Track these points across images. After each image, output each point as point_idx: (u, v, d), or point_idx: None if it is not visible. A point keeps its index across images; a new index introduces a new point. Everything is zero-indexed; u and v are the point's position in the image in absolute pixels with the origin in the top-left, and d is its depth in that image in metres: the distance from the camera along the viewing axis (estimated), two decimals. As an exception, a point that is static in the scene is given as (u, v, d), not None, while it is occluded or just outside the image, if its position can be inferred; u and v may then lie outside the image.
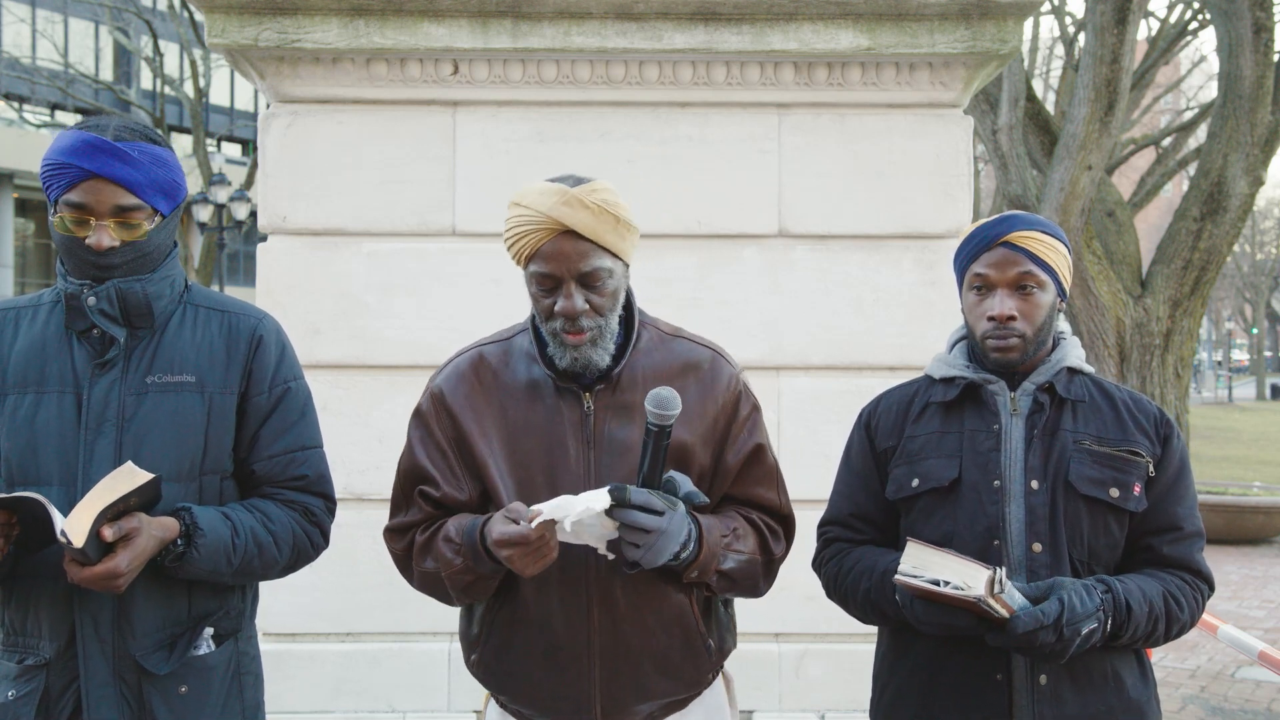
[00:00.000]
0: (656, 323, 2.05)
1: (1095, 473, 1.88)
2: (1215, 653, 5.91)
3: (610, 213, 1.86)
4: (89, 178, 1.77)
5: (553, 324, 1.87)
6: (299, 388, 2.01)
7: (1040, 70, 23.45)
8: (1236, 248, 27.58)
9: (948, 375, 2.01)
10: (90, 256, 1.81)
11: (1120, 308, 12.33)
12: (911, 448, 1.99)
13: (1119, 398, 1.98)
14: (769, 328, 3.90)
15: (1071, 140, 11.55)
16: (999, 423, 1.93)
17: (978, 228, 1.97)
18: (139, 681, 1.81)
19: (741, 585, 1.92)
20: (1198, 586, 1.91)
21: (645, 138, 3.89)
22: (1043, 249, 1.92)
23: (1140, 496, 1.89)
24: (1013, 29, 3.79)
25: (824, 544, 2.13)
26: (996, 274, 1.92)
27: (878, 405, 2.12)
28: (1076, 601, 1.72)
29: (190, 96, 23.48)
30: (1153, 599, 1.83)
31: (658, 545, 1.72)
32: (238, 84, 35.68)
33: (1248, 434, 24.59)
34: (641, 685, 1.88)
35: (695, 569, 1.82)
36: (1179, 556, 1.91)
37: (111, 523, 1.66)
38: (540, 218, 1.83)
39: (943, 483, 1.92)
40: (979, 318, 1.94)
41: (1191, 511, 1.94)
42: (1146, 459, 1.90)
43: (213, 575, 1.82)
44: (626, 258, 1.94)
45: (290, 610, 3.81)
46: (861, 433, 2.11)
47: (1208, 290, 12.73)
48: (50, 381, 1.83)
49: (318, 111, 3.87)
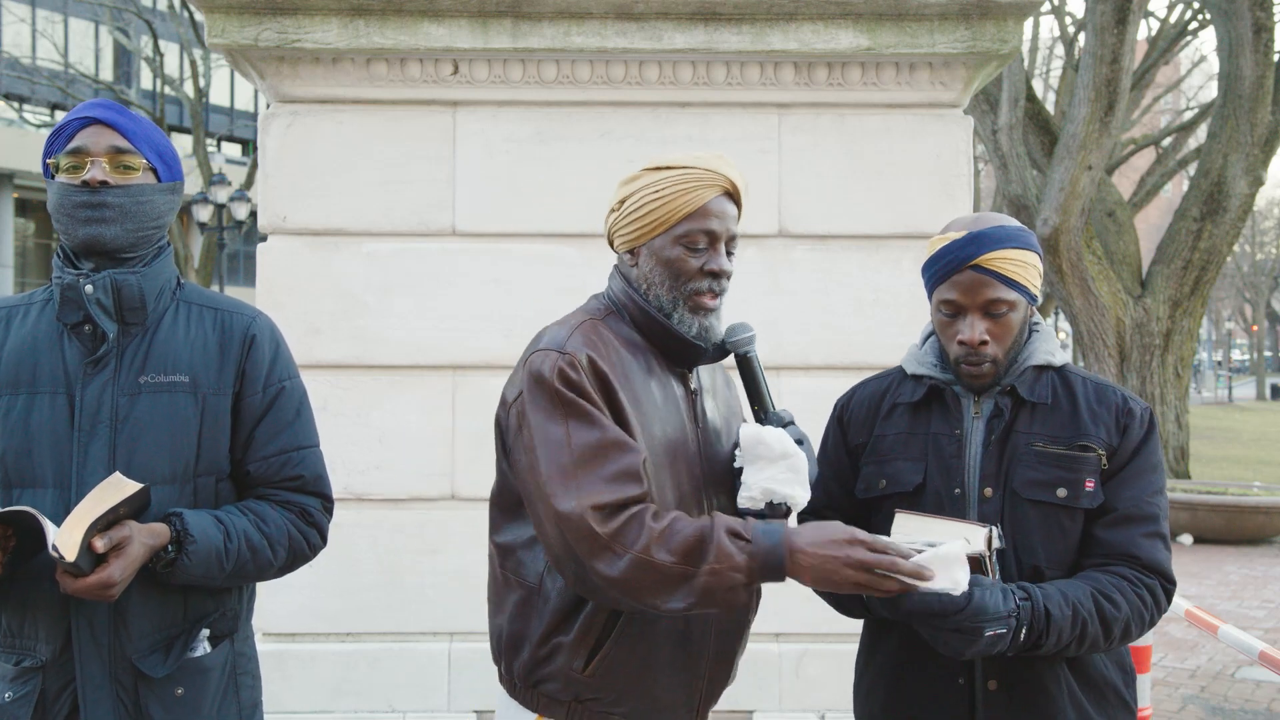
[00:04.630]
0: None
1: (1040, 475, 1.84)
2: (1215, 653, 5.91)
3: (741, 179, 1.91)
4: (88, 124, 1.84)
5: (697, 284, 1.83)
6: (294, 387, 1.99)
7: (1040, 70, 23.45)
8: (1236, 248, 27.59)
9: (917, 373, 1.99)
10: (83, 195, 1.80)
11: (1120, 308, 12.35)
12: (881, 447, 1.98)
13: (1080, 392, 1.92)
14: (769, 328, 3.89)
15: (1071, 140, 11.56)
16: (961, 427, 1.91)
17: (945, 248, 1.88)
18: (135, 684, 1.80)
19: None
20: (1139, 579, 1.81)
21: (645, 138, 3.89)
22: (1013, 268, 1.85)
23: (1094, 491, 1.83)
24: (1013, 29, 3.79)
25: None
26: (966, 299, 1.86)
27: (851, 399, 2.11)
28: (988, 602, 1.67)
29: (190, 96, 23.49)
30: (1077, 602, 1.75)
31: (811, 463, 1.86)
32: (238, 84, 35.69)
33: (1248, 434, 24.60)
34: (727, 675, 1.92)
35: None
36: (1114, 541, 1.82)
37: (102, 533, 1.65)
38: (710, 176, 1.84)
39: (908, 488, 1.90)
40: (950, 339, 1.90)
41: (1140, 495, 1.84)
42: (1099, 452, 1.84)
43: (206, 580, 1.81)
44: None
45: (290, 610, 3.81)
46: (835, 426, 2.11)
47: (1208, 290, 12.74)
48: (42, 382, 1.82)
49: (318, 111, 3.87)
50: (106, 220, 1.81)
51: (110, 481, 1.68)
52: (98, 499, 1.65)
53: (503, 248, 3.88)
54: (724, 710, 3.86)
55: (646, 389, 1.81)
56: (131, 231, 1.84)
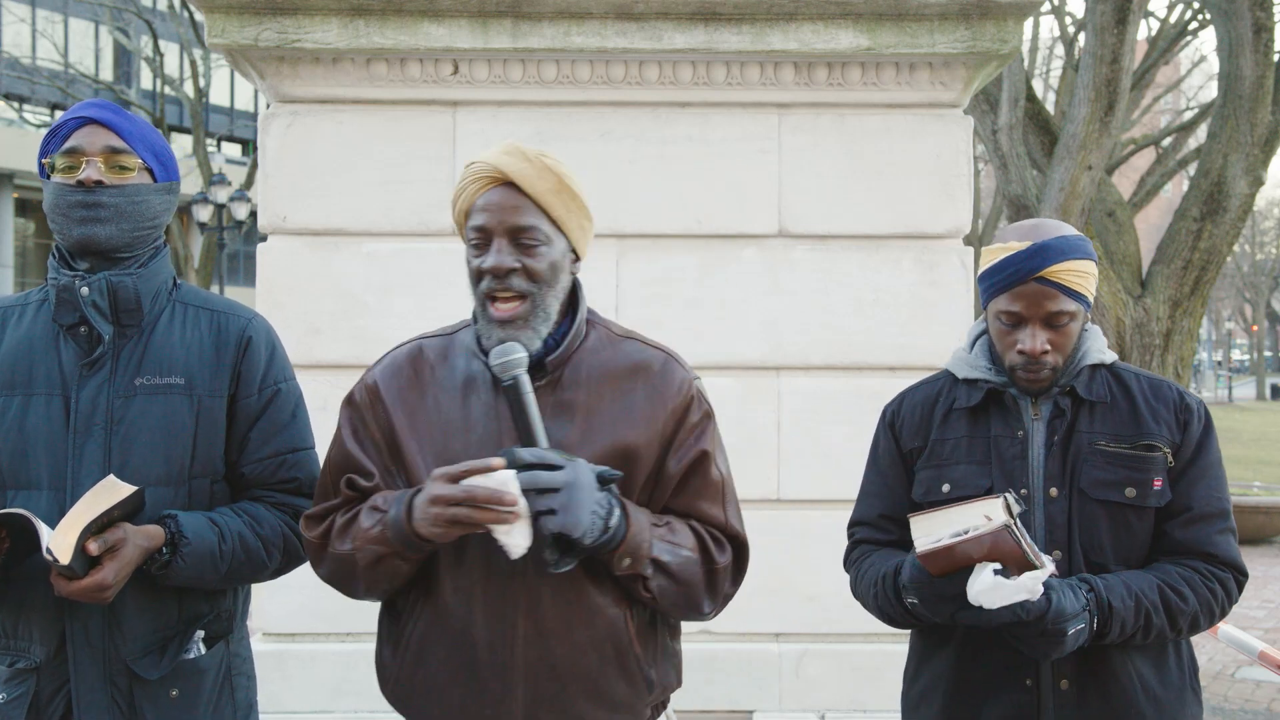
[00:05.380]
0: (609, 324, 1.85)
1: (1109, 475, 1.86)
2: (1215, 653, 5.91)
3: (553, 171, 1.74)
4: (84, 124, 1.84)
5: (483, 286, 1.72)
6: (289, 389, 1.99)
7: (1040, 70, 23.45)
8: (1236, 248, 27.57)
9: (971, 377, 1.98)
10: (78, 195, 1.80)
11: (1120, 308, 12.32)
12: (941, 451, 1.97)
13: (1136, 389, 1.94)
14: (769, 328, 3.89)
15: (1071, 140, 11.54)
16: (1023, 428, 1.92)
17: (1008, 259, 1.87)
18: (130, 685, 1.80)
19: (682, 588, 1.72)
20: (1212, 573, 1.86)
21: (645, 138, 3.88)
22: (1075, 279, 1.85)
23: (1162, 490, 1.86)
24: (1013, 29, 3.79)
25: (851, 545, 2.12)
26: (1029, 310, 1.86)
27: (901, 404, 2.09)
28: (1065, 602, 1.71)
29: (190, 96, 23.47)
30: (1141, 593, 1.79)
31: (574, 501, 1.56)
32: (238, 84, 35.67)
33: (1248, 434, 24.58)
34: (567, 710, 1.71)
35: (625, 552, 1.64)
36: (1191, 540, 1.86)
37: (96, 536, 1.65)
38: (480, 168, 1.74)
39: (977, 491, 1.88)
40: (1009, 347, 1.90)
41: (1210, 492, 1.88)
42: (1164, 450, 1.87)
43: (200, 582, 1.81)
44: (571, 236, 1.77)
45: (290, 610, 3.81)
46: (887, 432, 2.08)
47: (1208, 290, 12.71)
48: (38, 383, 1.82)
49: (318, 111, 3.87)
50: (101, 220, 1.81)
51: (104, 484, 1.68)
52: (91, 502, 1.65)
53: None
54: (724, 710, 3.87)
55: (464, 407, 1.75)
56: (127, 231, 1.83)
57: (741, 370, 3.89)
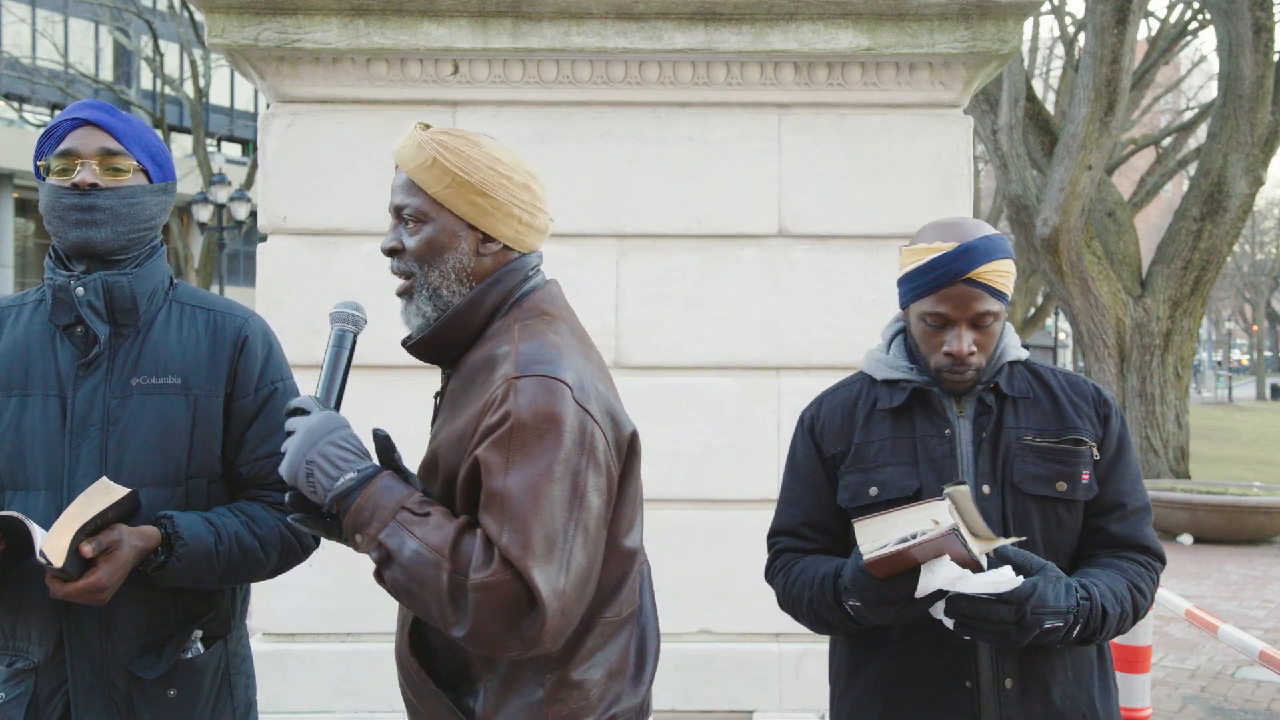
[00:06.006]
0: (529, 325, 1.64)
1: (1040, 470, 1.86)
2: (1215, 653, 5.91)
3: (429, 150, 1.62)
4: (78, 126, 1.83)
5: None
6: (286, 389, 1.98)
7: (1040, 70, 23.46)
8: (1236, 248, 27.59)
9: (892, 378, 1.96)
10: (73, 198, 1.79)
11: (1120, 308, 12.34)
12: (866, 454, 1.93)
13: (1055, 384, 1.95)
14: (769, 328, 3.90)
15: (1071, 140, 11.56)
16: (950, 427, 1.90)
17: (936, 260, 1.84)
18: (127, 685, 1.80)
19: (415, 590, 1.49)
20: (1151, 565, 1.90)
21: (645, 138, 3.89)
22: (1000, 279, 1.84)
23: (1089, 483, 1.87)
24: (1013, 29, 3.79)
25: (774, 555, 2.06)
26: (957, 312, 1.84)
27: (820, 409, 2.05)
28: (1050, 595, 1.70)
29: (190, 96, 23.49)
30: (1123, 597, 1.81)
31: (294, 445, 1.54)
32: (238, 84, 35.69)
33: (1248, 434, 24.60)
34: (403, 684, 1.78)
35: (349, 524, 1.51)
36: (1128, 534, 1.89)
37: (91, 538, 1.65)
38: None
39: (906, 493, 1.86)
40: (934, 349, 1.88)
41: (1135, 486, 1.92)
42: (1090, 444, 1.88)
43: (197, 582, 1.81)
44: (462, 214, 1.65)
45: (290, 610, 3.81)
46: (806, 438, 2.03)
47: (1208, 290, 12.74)
48: (34, 384, 1.81)
49: (318, 111, 3.87)
50: (97, 223, 1.80)
51: (97, 486, 1.67)
52: (85, 504, 1.64)
53: (503, 248, 3.88)
54: (724, 710, 3.87)
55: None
56: (122, 234, 1.83)
57: (741, 370, 3.89)
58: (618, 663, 1.64)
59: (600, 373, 1.65)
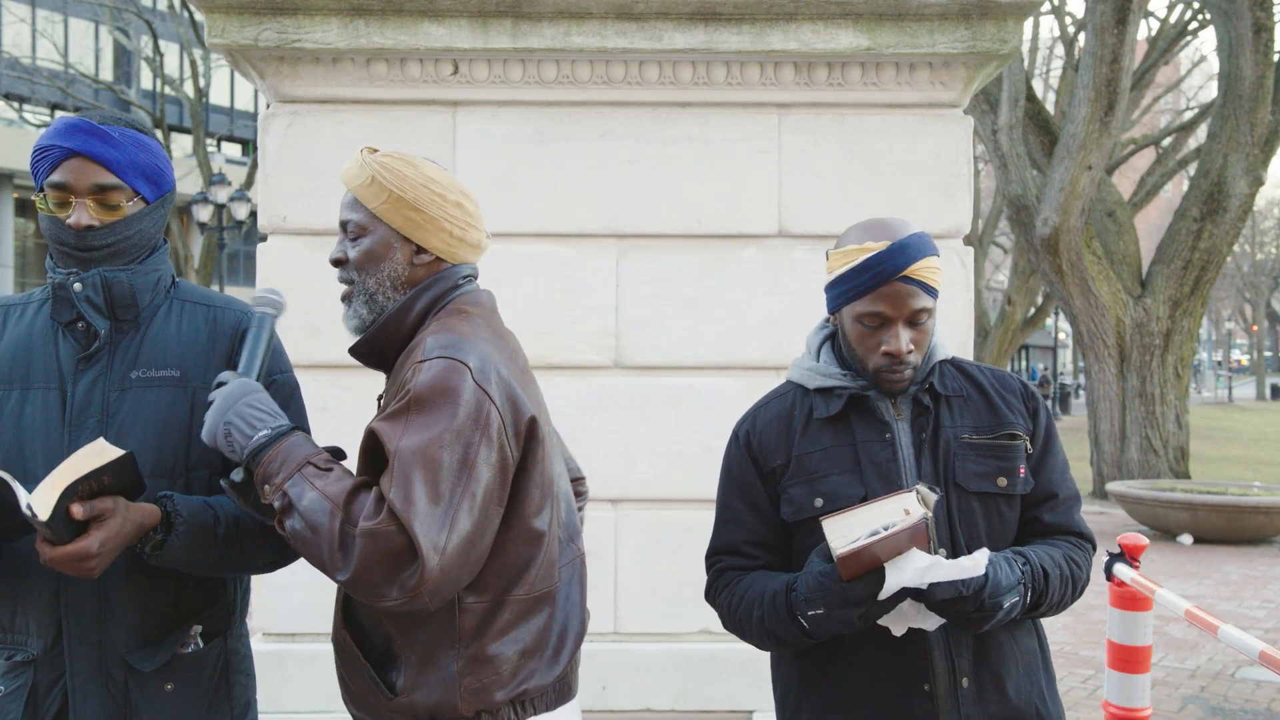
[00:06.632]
0: (445, 320, 1.79)
1: (981, 467, 1.87)
2: (1215, 653, 5.91)
3: (369, 170, 1.82)
4: (70, 156, 1.81)
5: None
6: (285, 380, 1.99)
7: (1040, 70, 23.47)
8: (1236, 248, 27.59)
9: (825, 386, 1.94)
10: (70, 237, 1.80)
11: (1120, 308, 12.35)
12: (807, 465, 1.90)
13: (984, 381, 1.96)
14: (769, 328, 3.90)
15: (1071, 140, 11.57)
16: (890, 430, 1.89)
17: (870, 260, 1.84)
18: (125, 678, 1.80)
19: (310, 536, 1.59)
20: (1083, 546, 1.94)
21: (645, 138, 3.89)
22: (932, 275, 1.85)
23: (1026, 477, 1.89)
24: (1013, 29, 3.79)
25: (715, 575, 2.03)
26: (895, 311, 1.84)
27: (754, 422, 2.01)
28: (1001, 575, 1.71)
29: (190, 96, 23.50)
30: (1060, 563, 1.85)
31: (214, 408, 1.71)
32: (238, 84, 35.70)
33: (1248, 434, 24.62)
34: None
35: (260, 475, 1.65)
36: (1062, 522, 1.92)
37: (84, 501, 1.63)
38: None
39: (852, 501, 1.82)
40: (872, 350, 1.87)
41: (1064, 476, 1.96)
42: (1024, 438, 1.90)
43: (193, 565, 1.80)
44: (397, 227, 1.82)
45: (290, 610, 3.81)
46: (742, 454, 1.98)
47: (1208, 290, 12.74)
48: (35, 378, 1.83)
49: (318, 111, 3.87)
50: (96, 260, 1.83)
51: (92, 447, 1.65)
52: (77, 461, 1.62)
53: (502, 248, 3.88)
54: (724, 710, 3.87)
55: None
56: (122, 259, 1.86)
57: (742, 370, 3.89)
58: (532, 642, 1.74)
59: (511, 363, 1.77)
